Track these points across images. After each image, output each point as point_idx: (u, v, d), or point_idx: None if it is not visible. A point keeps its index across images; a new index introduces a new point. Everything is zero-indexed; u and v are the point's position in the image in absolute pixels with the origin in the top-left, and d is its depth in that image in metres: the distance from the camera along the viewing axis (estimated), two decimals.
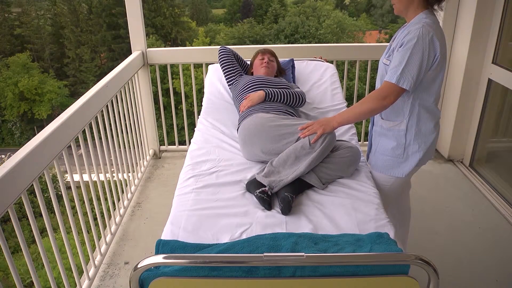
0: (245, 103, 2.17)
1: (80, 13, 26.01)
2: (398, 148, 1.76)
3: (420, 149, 1.74)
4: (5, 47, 24.87)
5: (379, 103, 1.63)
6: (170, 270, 1.20)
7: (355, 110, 1.73)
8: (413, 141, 1.73)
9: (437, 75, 1.65)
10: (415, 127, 1.71)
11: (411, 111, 1.70)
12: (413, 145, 1.74)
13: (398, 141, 1.75)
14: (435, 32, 1.57)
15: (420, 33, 1.55)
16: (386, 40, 25.49)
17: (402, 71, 1.57)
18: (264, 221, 1.54)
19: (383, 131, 1.80)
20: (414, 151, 1.75)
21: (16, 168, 1.48)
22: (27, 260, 1.55)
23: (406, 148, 1.75)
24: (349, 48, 3.45)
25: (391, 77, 1.60)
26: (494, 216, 2.64)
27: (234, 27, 27.82)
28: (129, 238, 2.49)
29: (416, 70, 1.57)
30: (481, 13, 2.80)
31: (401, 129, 1.73)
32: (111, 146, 2.52)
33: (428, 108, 1.70)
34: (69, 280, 1.88)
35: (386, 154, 1.80)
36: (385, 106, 1.64)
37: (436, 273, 1.13)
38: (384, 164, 1.83)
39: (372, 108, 1.66)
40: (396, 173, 1.81)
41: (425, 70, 1.59)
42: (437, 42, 1.57)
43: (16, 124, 23.49)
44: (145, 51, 3.16)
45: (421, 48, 1.55)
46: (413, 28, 1.59)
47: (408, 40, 1.57)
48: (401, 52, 1.59)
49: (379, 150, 1.84)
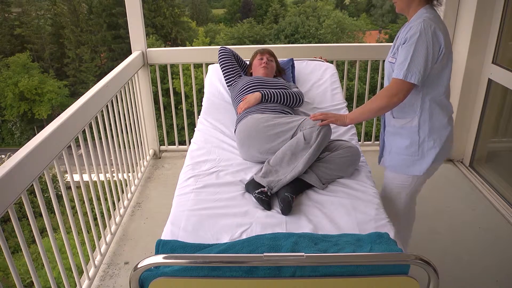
0: (242, 105, 2.18)
1: (80, 13, 25.99)
2: (413, 145, 1.73)
3: (436, 144, 1.71)
4: (5, 47, 24.85)
5: (389, 100, 1.62)
6: (170, 270, 1.20)
7: (366, 108, 1.72)
8: (428, 137, 1.70)
9: (444, 68, 1.63)
10: (428, 122, 1.69)
11: (422, 106, 1.67)
12: (428, 142, 1.71)
13: (412, 138, 1.72)
14: (437, 25, 1.57)
15: (422, 27, 1.55)
16: (386, 40, 25.46)
17: (408, 66, 1.56)
18: (264, 221, 1.55)
19: (396, 130, 1.78)
20: (430, 148, 1.71)
21: (16, 168, 1.48)
22: (27, 260, 1.55)
23: (420, 145, 1.72)
24: (349, 48, 3.45)
25: (398, 74, 1.59)
26: (494, 216, 2.64)
27: (234, 27, 27.80)
28: (129, 238, 2.49)
29: (423, 64, 1.55)
30: (481, 13, 2.80)
31: (413, 125, 1.71)
32: (111, 146, 2.52)
33: (439, 102, 1.68)
34: (69, 280, 1.88)
35: (401, 153, 1.78)
36: (395, 103, 1.63)
37: (436, 273, 1.13)
38: (401, 163, 1.80)
39: (382, 106, 1.65)
40: (413, 171, 1.77)
41: (432, 63, 1.58)
42: (440, 34, 1.57)
43: (16, 124, 23.48)
44: (145, 51, 3.16)
45: (424, 41, 1.54)
46: (414, 23, 1.59)
47: (411, 36, 1.57)
48: (405, 47, 1.58)
49: (394, 150, 1.82)
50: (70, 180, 2.03)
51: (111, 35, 25.47)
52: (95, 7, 25.73)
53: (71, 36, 25.05)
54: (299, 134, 1.81)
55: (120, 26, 24.93)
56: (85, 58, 24.78)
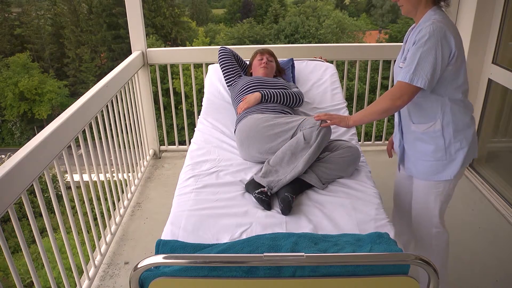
0: (241, 105, 2.19)
1: (80, 13, 26.00)
2: (438, 151, 1.66)
3: (463, 145, 1.65)
4: (5, 47, 24.86)
5: (392, 103, 1.58)
6: (170, 270, 1.20)
7: (369, 110, 1.69)
8: (453, 139, 1.64)
9: (459, 69, 1.58)
10: (451, 124, 1.63)
11: (443, 108, 1.62)
12: (454, 144, 1.64)
13: (437, 143, 1.66)
14: (447, 27, 1.52)
15: (431, 29, 1.50)
16: (386, 40, 25.46)
17: (415, 70, 1.52)
18: (264, 221, 1.55)
19: (417, 135, 1.70)
20: (457, 149, 1.65)
21: (16, 168, 1.48)
22: (27, 260, 1.55)
23: (447, 149, 1.65)
24: (349, 48, 3.45)
25: (404, 77, 1.55)
26: (494, 216, 2.64)
27: (234, 27, 27.81)
28: (129, 238, 2.49)
29: (430, 68, 1.51)
30: (481, 13, 2.80)
31: (436, 129, 1.64)
32: (111, 146, 2.52)
33: (459, 101, 1.63)
34: (69, 280, 1.88)
35: (428, 159, 1.70)
36: (399, 106, 1.60)
37: (436, 273, 1.13)
38: (429, 170, 1.72)
39: (386, 108, 1.61)
40: (444, 176, 1.69)
41: (442, 67, 1.53)
42: (451, 37, 1.51)
43: (16, 124, 23.48)
44: (145, 51, 3.16)
45: (433, 45, 1.50)
46: (423, 26, 1.54)
47: (419, 38, 1.52)
48: (412, 50, 1.54)
49: (419, 157, 1.73)
50: (70, 180, 2.02)
51: (111, 35, 25.47)
52: (95, 7, 25.73)
53: (71, 36, 25.05)
54: (299, 134, 1.81)
55: (120, 26, 24.93)
56: (85, 58, 24.78)
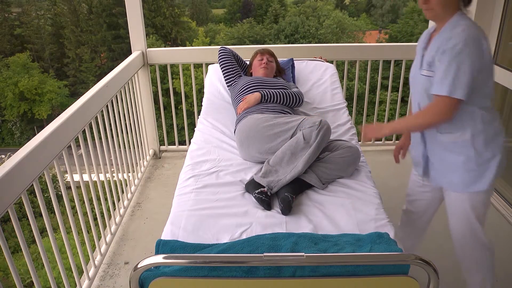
0: (241, 105, 2.19)
1: (80, 13, 26.01)
2: (469, 161, 1.58)
3: (496, 152, 1.57)
4: (5, 47, 24.87)
5: (439, 118, 1.52)
6: (170, 270, 1.20)
7: (412, 122, 1.65)
8: (484, 148, 1.56)
9: (489, 76, 1.53)
10: (482, 132, 1.55)
11: (472, 117, 1.54)
12: (486, 152, 1.56)
13: (467, 154, 1.58)
14: (480, 33, 1.46)
15: (464, 37, 1.43)
16: (386, 40, 25.46)
17: (453, 81, 1.44)
18: (264, 221, 1.55)
19: (445, 145, 1.63)
20: (490, 158, 1.57)
21: (16, 168, 1.48)
22: (27, 260, 1.55)
23: (479, 158, 1.57)
24: (349, 48, 3.45)
25: (440, 90, 1.47)
26: (494, 216, 2.64)
27: (234, 27, 27.82)
28: (129, 238, 2.49)
29: (468, 77, 1.43)
30: (481, 13, 2.80)
31: (466, 139, 1.56)
32: (111, 146, 2.52)
33: (489, 109, 1.57)
34: (69, 280, 1.87)
35: (458, 170, 1.62)
36: (445, 121, 1.53)
37: (436, 273, 1.13)
38: (462, 181, 1.63)
39: (431, 123, 1.56)
40: (478, 187, 1.60)
41: (477, 75, 1.46)
42: (485, 43, 1.46)
43: (16, 124, 23.49)
44: (145, 51, 3.16)
45: (468, 53, 1.42)
46: (453, 33, 1.46)
47: (451, 47, 1.44)
48: (445, 60, 1.46)
49: (449, 168, 1.65)
50: (70, 180, 2.03)
51: (111, 35, 25.48)
52: (95, 7, 25.74)
53: (71, 36, 25.06)
54: (299, 133, 1.81)
55: (120, 26, 24.94)
56: (85, 58, 24.79)
